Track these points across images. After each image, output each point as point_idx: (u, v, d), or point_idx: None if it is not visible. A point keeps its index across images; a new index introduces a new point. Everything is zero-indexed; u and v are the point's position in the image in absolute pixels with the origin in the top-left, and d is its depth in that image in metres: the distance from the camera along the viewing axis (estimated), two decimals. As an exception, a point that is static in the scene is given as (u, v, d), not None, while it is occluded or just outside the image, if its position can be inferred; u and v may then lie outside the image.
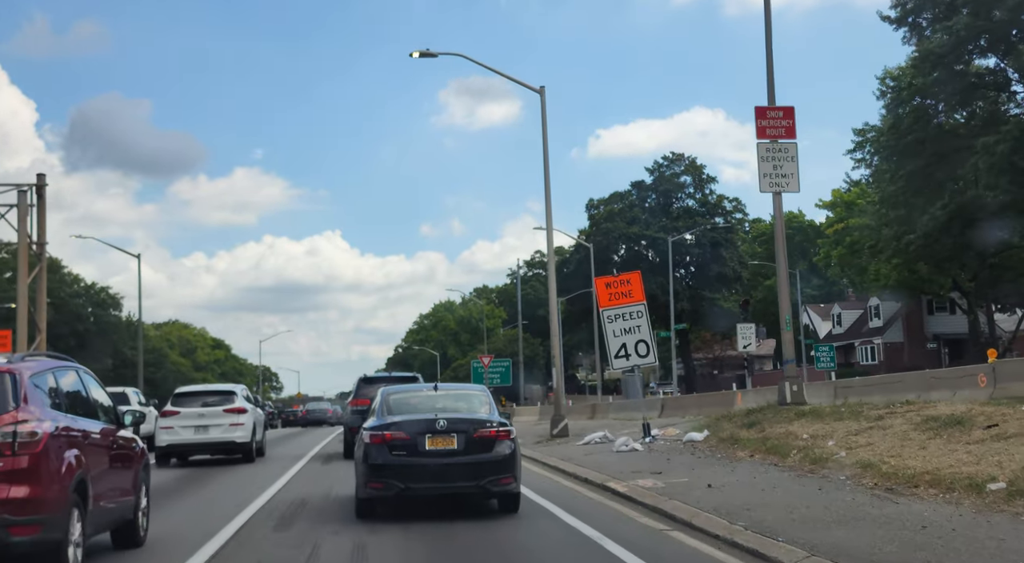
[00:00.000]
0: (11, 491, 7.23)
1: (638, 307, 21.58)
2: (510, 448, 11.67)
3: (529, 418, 49.63)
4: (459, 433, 11.40)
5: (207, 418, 21.59)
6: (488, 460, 11.40)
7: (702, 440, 19.28)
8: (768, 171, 19.39)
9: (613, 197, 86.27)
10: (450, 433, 11.37)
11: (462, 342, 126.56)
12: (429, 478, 11.33)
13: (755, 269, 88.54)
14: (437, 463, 11.30)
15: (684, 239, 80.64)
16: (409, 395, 12.99)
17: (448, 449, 11.33)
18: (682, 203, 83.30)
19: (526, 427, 35.19)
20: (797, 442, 15.85)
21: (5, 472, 7.25)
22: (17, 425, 7.40)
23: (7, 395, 7.54)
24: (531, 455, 21.26)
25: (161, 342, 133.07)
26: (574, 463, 18.07)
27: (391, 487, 11.22)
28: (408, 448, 11.30)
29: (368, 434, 11.58)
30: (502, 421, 12.01)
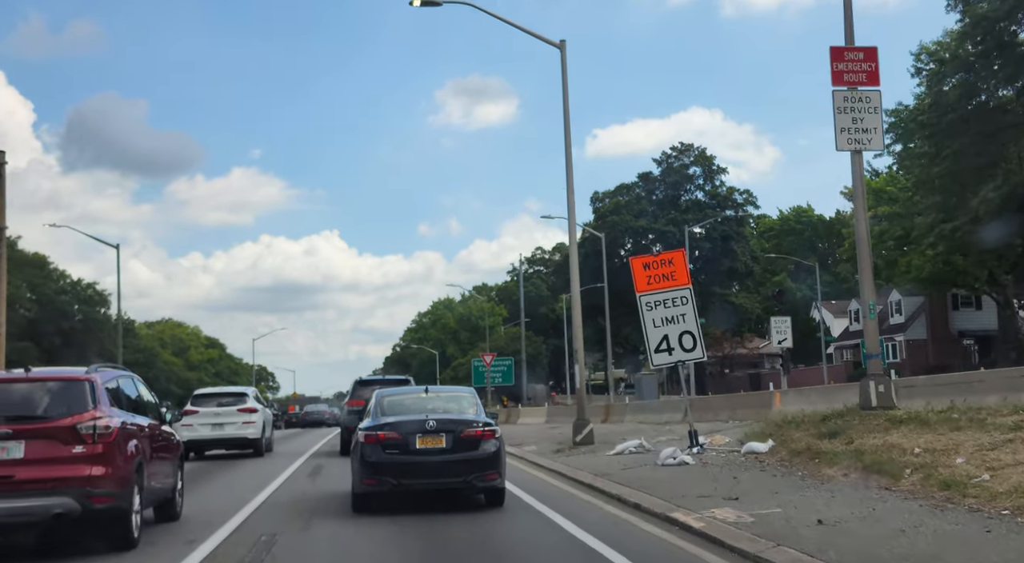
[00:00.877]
0: (92, 470, 9.24)
1: (682, 292, 18.10)
2: (495, 446, 12.29)
3: (535, 420, 46.07)
4: (447, 433, 12.06)
5: (222, 417, 23.99)
6: (475, 458, 12.04)
7: (767, 452, 15.81)
8: (846, 125, 15.89)
9: (619, 189, 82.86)
10: (439, 433, 12.03)
11: (461, 341, 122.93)
12: (420, 475, 12.01)
13: (763, 264, 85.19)
14: (427, 461, 11.96)
15: (693, 233, 77.22)
16: (402, 397, 13.59)
17: (437, 448, 11.99)
18: (691, 195, 79.87)
19: (538, 431, 31.66)
20: (907, 458, 12.36)
21: (87, 456, 9.26)
22: (96, 421, 9.43)
23: (87, 397, 9.61)
24: (556, 468, 17.76)
25: (153, 341, 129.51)
26: (614, 481, 14.57)
27: (384, 483, 11.92)
28: (400, 447, 11.96)
29: (363, 434, 12.27)
30: (487, 421, 12.60)
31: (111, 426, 9.61)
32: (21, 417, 9.44)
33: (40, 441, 9.27)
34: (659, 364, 18.46)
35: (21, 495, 9.04)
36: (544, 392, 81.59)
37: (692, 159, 78.96)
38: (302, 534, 10.67)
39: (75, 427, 9.35)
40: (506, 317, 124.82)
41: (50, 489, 9.11)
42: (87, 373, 10.10)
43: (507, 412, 53.72)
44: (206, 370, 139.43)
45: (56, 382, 9.96)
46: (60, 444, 9.30)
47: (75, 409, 9.51)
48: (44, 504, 9.08)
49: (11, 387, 9.85)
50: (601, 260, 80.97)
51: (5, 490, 9.01)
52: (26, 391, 9.78)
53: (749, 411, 28.81)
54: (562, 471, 17.12)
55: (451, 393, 14.39)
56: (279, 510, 12.80)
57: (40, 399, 9.70)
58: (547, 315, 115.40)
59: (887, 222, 47.96)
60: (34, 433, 9.31)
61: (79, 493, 9.16)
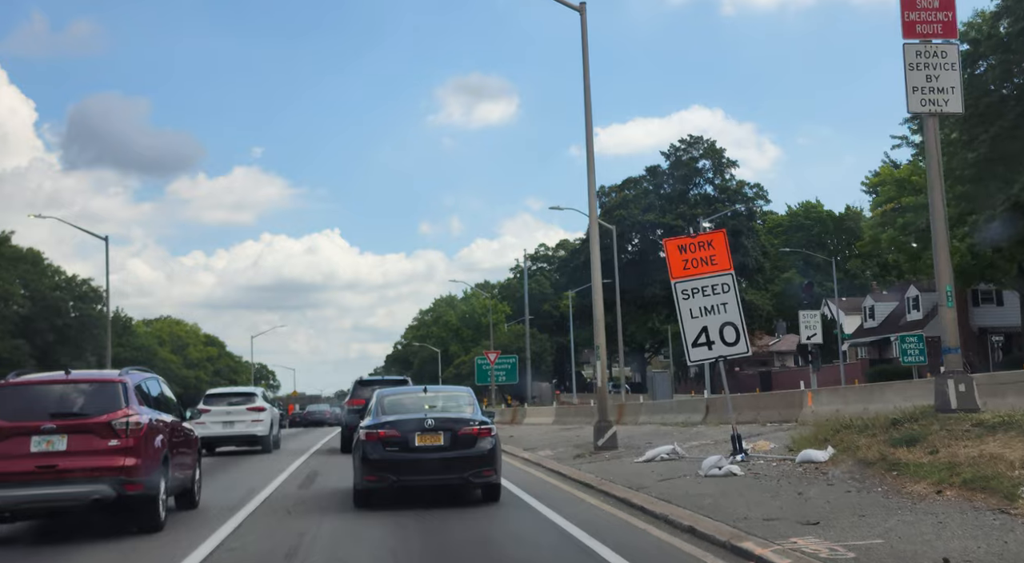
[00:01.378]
0: (125, 461, 10.44)
1: (724, 278, 15.93)
2: (491, 444, 12.60)
3: (543, 420, 43.85)
4: (445, 431, 12.42)
5: (233, 415, 25.20)
6: (471, 455, 12.38)
7: (827, 461, 13.64)
8: (919, 83, 13.70)
9: (626, 183, 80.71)
10: (437, 431, 12.39)
11: (464, 338, 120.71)
12: (419, 471, 12.32)
13: (773, 261, 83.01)
14: (426, 458, 12.31)
15: (703, 227, 75.04)
16: (401, 397, 13.92)
17: (436, 445, 12.36)
18: (700, 189, 77.67)
19: (550, 433, 29.48)
20: (1018, 473, 10.19)
21: (121, 448, 10.46)
22: (128, 417, 10.67)
23: (120, 397, 10.88)
24: (580, 477, 15.59)
25: (151, 339, 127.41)
26: (654, 496, 12.41)
27: (385, 479, 12.25)
28: (400, 444, 12.31)
29: (364, 432, 12.62)
30: (484, 420, 12.87)
31: (141, 422, 10.73)
32: (64, 414, 10.52)
33: (80, 435, 10.36)
34: (697, 360, 16.28)
35: (64, 482, 10.15)
36: (549, 391, 79.46)
37: (701, 152, 76.77)
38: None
39: (110, 423, 10.49)
40: (509, 314, 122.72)
41: (89, 477, 10.20)
42: (119, 375, 11.30)
43: (513, 412, 51.53)
44: (205, 368, 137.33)
45: (93, 383, 11.18)
46: (98, 438, 10.40)
47: (110, 407, 10.66)
48: (84, 490, 10.20)
49: (54, 388, 11.00)
50: (608, 255, 78.87)
51: (51, 478, 10.13)
52: (67, 391, 10.90)
53: (775, 411, 26.66)
54: (589, 481, 14.94)
55: (449, 393, 14.83)
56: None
57: (80, 398, 10.83)
58: (551, 312, 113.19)
59: (912, 213, 45.72)
60: (75, 428, 10.40)
61: (114, 481, 10.28)
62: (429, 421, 12.48)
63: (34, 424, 10.30)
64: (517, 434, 30.13)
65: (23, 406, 10.57)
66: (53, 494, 10.17)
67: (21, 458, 10.17)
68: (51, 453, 10.21)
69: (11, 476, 10.14)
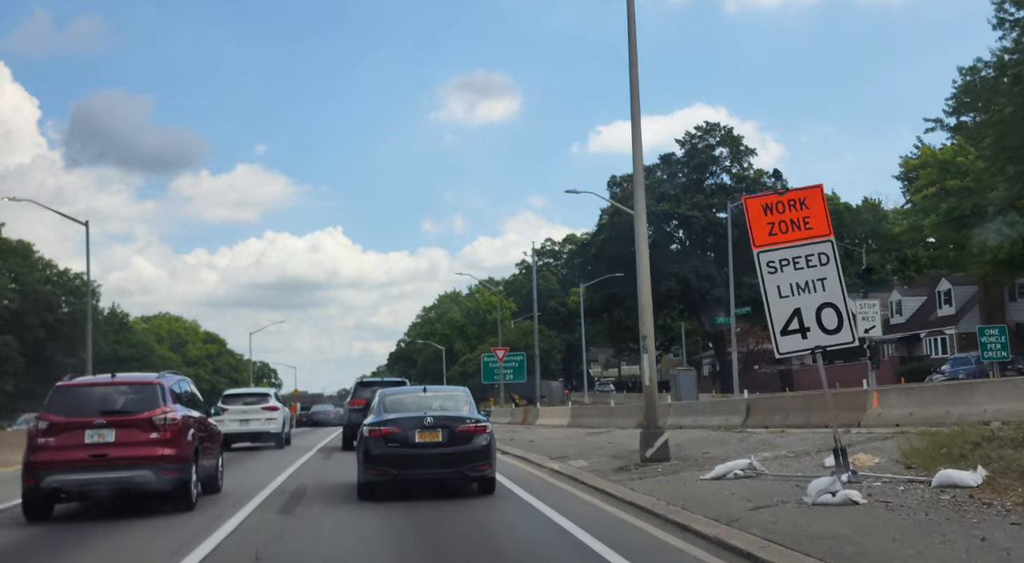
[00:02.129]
0: (163, 451, 12.13)
1: (821, 246, 12.39)
2: (486, 440, 13.35)
3: (558, 421, 40.30)
4: (443, 428, 13.16)
5: (248, 414, 26.93)
6: (468, 450, 13.11)
7: (981, 486, 10.12)
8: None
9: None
10: (436, 428, 13.13)
11: (469, 336, 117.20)
12: (418, 466, 13.09)
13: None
14: (425, 453, 13.07)
15: (719, 218, 71.50)
16: (403, 396, 14.82)
17: (434, 441, 13.08)
18: (717, 178, 74.03)
19: (574, 438, 25.88)
20: None
21: (160, 440, 12.15)
22: (165, 414, 12.33)
23: (158, 396, 12.55)
24: (637, 501, 12.01)
25: (149, 336, 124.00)
26: (757, 534, 8.87)
27: (387, 473, 13.04)
28: (401, 441, 13.08)
29: (367, 429, 13.40)
30: (479, 418, 13.71)
31: (176, 418, 12.45)
32: (112, 411, 12.27)
33: (126, 429, 12.13)
34: (788, 352, 12.75)
35: (113, 468, 11.97)
36: (559, 390, 75.97)
37: (718, 140, 73.13)
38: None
39: (151, 419, 12.24)
40: (515, 311, 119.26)
41: (134, 464, 12.00)
42: (157, 378, 13.04)
43: (524, 412, 47.98)
44: (204, 366, 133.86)
45: (134, 385, 12.89)
46: (140, 431, 12.17)
47: (150, 405, 12.35)
48: (129, 475, 12.00)
49: (102, 389, 12.71)
50: (621, 247, 75.28)
51: (102, 465, 11.96)
52: (113, 392, 12.63)
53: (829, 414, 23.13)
54: (651, 507, 11.39)
55: (447, 392, 15.64)
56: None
57: (124, 397, 12.55)
58: (558, 309, 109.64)
59: (955, 198, 42.14)
60: (121, 423, 12.17)
61: (154, 468, 12.05)
62: (428, 419, 13.20)
63: (87, 419, 12.07)
64: (536, 439, 26.62)
65: (77, 404, 12.29)
66: (104, 478, 11.94)
67: (76, 448, 11.92)
68: (102, 444, 11.98)
69: (68, 463, 11.88)
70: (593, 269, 77.24)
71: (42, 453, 12.00)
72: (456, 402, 14.33)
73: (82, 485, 12.07)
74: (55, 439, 12.02)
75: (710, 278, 70.06)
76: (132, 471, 11.96)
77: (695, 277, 69.93)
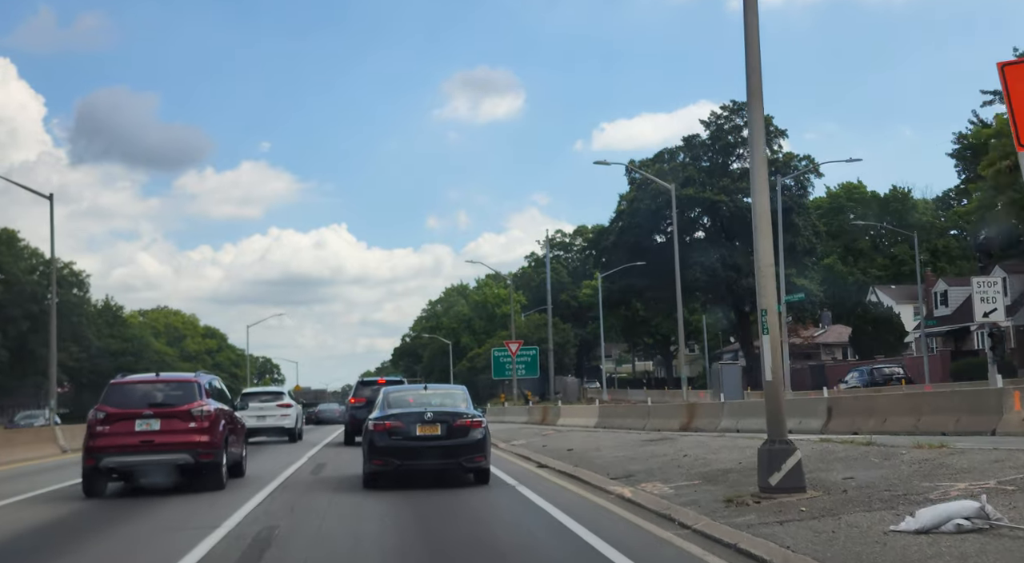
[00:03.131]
0: (200, 438, 14.26)
1: None
2: (481, 434, 14.24)
3: (583, 421, 35.03)
4: (442, 422, 14.11)
5: (265, 410, 29.62)
6: (464, 443, 14.06)
7: None
8: None
9: (660, 156, 71.79)
10: (435, 422, 14.09)
11: (476, 330, 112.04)
12: (419, 457, 14.02)
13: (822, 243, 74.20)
14: (425, 445, 14.00)
15: (747, 204, 66.29)
16: (405, 393, 15.80)
17: (434, 435, 14.03)
18: (744, 162, 68.70)
19: (626, 448, 20.52)
20: None
21: (197, 429, 14.27)
22: (202, 407, 14.50)
23: (196, 392, 14.70)
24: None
25: (146, 329, 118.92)
26: None
27: (390, 464, 13.97)
28: (403, 434, 14.02)
29: (372, 423, 14.27)
30: (475, 414, 14.60)
31: (211, 410, 14.61)
32: (157, 404, 14.43)
33: (169, 419, 14.25)
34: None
35: (158, 452, 14.12)
36: (575, 386, 70.66)
37: (745, 120, 67.74)
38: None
39: (190, 411, 14.36)
40: (525, 305, 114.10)
41: (175, 449, 14.14)
42: (194, 376, 15.44)
43: (542, 410, 42.71)
44: (203, 361, 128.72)
45: (175, 382, 15.19)
46: (181, 421, 14.28)
47: (189, 399, 14.56)
48: (172, 458, 14.16)
49: (150, 385, 14.98)
50: (641, 235, 70.10)
51: (149, 449, 14.10)
52: (158, 388, 14.90)
53: (952, 418, 17.95)
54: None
55: (446, 390, 16.43)
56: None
57: (167, 393, 14.71)
58: (568, 303, 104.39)
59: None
60: (165, 414, 14.29)
61: (192, 452, 14.17)
62: (429, 414, 14.15)
63: (136, 411, 14.32)
64: (576, 447, 21.38)
65: (128, 399, 14.57)
66: (150, 460, 14.20)
67: (128, 435, 14.16)
68: (149, 432, 14.20)
69: (122, 447, 14.11)
70: (610, 259, 72.03)
71: (100, 439, 14.13)
72: (454, 399, 15.27)
73: (132, 466, 14.22)
74: (110, 427, 14.18)
75: (737, 267, 64.78)
76: (174, 454, 14.12)
77: (721, 266, 64.69)
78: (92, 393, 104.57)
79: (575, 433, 28.49)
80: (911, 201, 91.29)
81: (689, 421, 29.94)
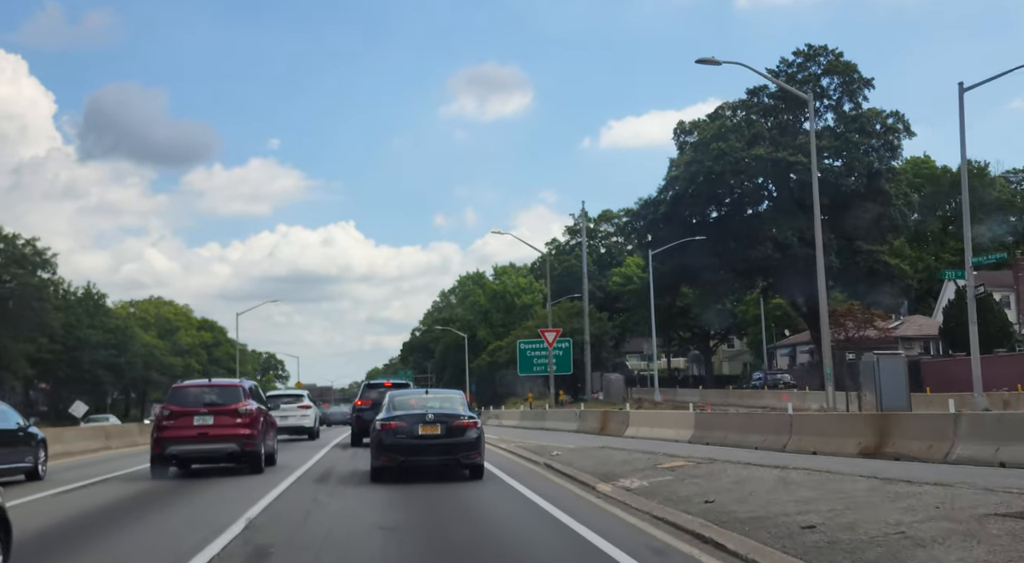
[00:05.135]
0: (244, 431, 17.23)
1: None
2: (476, 434, 15.49)
3: (672, 435, 23.53)
4: (442, 423, 15.34)
5: (286, 411, 31.15)
6: (461, 441, 15.33)
7: None
8: None
9: (716, 114, 59.96)
10: (436, 423, 15.34)
11: (494, 323, 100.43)
12: (421, 454, 15.33)
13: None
14: (427, 443, 15.25)
15: (831, 166, 54.56)
16: (408, 397, 17.02)
17: (434, 434, 15.27)
18: (820, 119, 56.89)
19: (900, 500, 8.94)
20: None
21: (242, 424, 17.24)
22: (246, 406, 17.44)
23: (240, 394, 17.74)
24: None
25: (134, 321, 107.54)
26: None
27: (395, 460, 15.30)
28: (407, 433, 15.26)
29: (379, 423, 15.61)
30: (471, 415, 15.88)
31: (252, 409, 17.54)
32: (211, 404, 17.47)
33: (220, 416, 17.19)
34: None
35: (212, 442, 17.13)
36: (621, 384, 58.75)
37: (823, 68, 56.00)
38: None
39: (236, 409, 17.34)
40: (547, 295, 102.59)
41: (225, 439, 17.12)
42: (239, 382, 18.70)
43: (602, 417, 31.06)
44: (198, 355, 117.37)
45: (224, 386, 18.25)
46: (229, 418, 17.22)
47: (235, 400, 17.53)
48: (222, 447, 17.19)
49: (204, 388, 18.10)
50: (699, 206, 58.39)
51: (204, 439, 17.08)
52: (211, 390, 17.95)
53: None
54: None
55: (445, 394, 17.44)
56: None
57: (218, 394, 17.76)
58: (594, 293, 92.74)
59: None
60: (217, 412, 17.28)
61: (239, 442, 17.14)
62: (429, 415, 15.42)
63: (194, 409, 17.30)
64: (814, 511, 9.76)
65: (187, 399, 17.62)
66: (205, 449, 17.23)
67: (187, 429, 17.10)
68: (204, 426, 17.15)
69: (183, 438, 17.02)
70: (657, 236, 60.15)
71: (166, 431, 17.15)
72: (452, 402, 16.48)
73: (191, 453, 17.31)
74: (173, 422, 17.21)
75: (813, 243, 52.99)
76: (224, 444, 17.12)
77: (798, 242, 52.90)
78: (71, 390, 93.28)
79: (725, 468, 16.34)
80: (988, 177, 79.38)
81: (880, 443, 18.39)
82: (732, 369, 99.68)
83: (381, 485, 14.76)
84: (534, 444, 23.89)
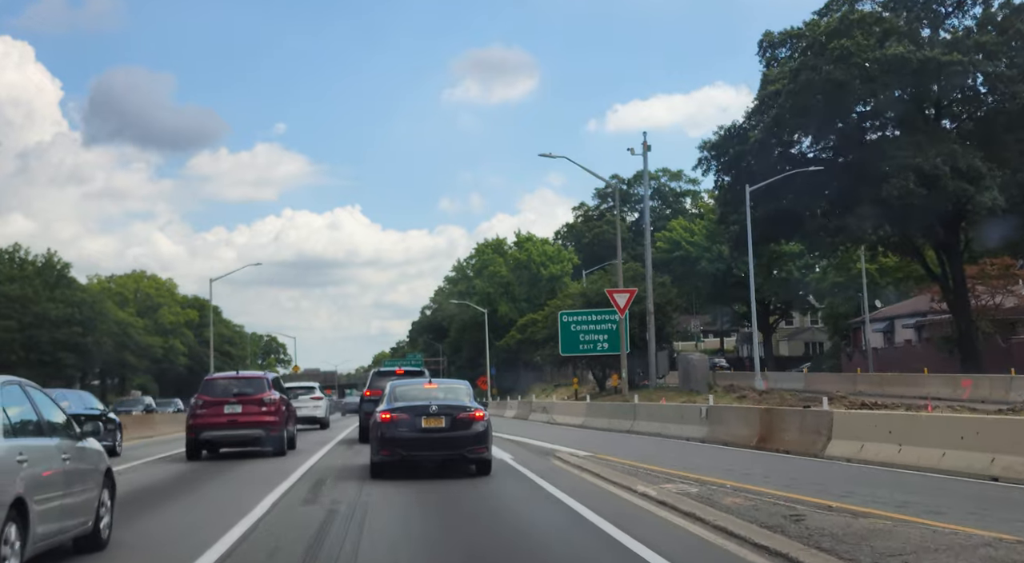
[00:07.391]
0: (269, 418, 19.59)
1: None
2: (484, 426, 14.59)
3: (980, 462, 9.13)
4: (446, 415, 14.52)
5: (300, 402, 32.37)
6: (467, 435, 14.43)
7: None
8: None
9: (813, 22, 45.00)
10: (440, 415, 14.52)
11: (516, 297, 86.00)
12: (424, 448, 14.58)
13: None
14: (430, 437, 14.49)
15: (993, 74, 39.86)
16: (411, 387, 16.08)
17: (438, 427, 14.48)
18: (966, 12, 42.10)
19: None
20: None
21: (267, 411, 19.66)
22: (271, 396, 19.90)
23: (264, 384, 20.24)
24: None
25: (108, 296, 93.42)
26: None
27: (396, 454, 14.50)
28: (409, 426, 14.46)
29: (379, 414, 14.86)
30: (478, 406, 14.98)
31: (276, 398, 19.96)
32: (239, 394, 19.71)
33: (247, 404, 19.54)
34: None
35: (240, 428, 19.48)
36: (704, 368, 43.78)
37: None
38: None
39: (262, 398, 19.68)
40: (577, 265, 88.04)
41: (252, 426, 19.46)
42: (264, 374, 21.52)
43: (762, 421, 16.69)
44: (184, 336, 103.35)
45: (251, 378, 20.84)
46: (256, 406, 19.54)
47: (261, 390, 19.91)
48: (250, 433, 19.51)
49: (233, 380, 20.74)
50: (805, 134, 43.59)
51: (234, 426, 19.42)
52: (239, 382, 20.45)
53: None
54: None
55: (449, 384, 16.73)
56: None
57: (246, 385, 20.10)
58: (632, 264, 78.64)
59: None
60: (245, 401, 19.59)
61: (265, 428, 19.47)
62: (433, 407, 14.57)
63: (225, 399, 19.61)
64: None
65: (217, 389, 20.03)
66: (235, 435, 19.55)
67: (219, 416, 19.42)
68: (234, 414, 19.41)
69: (215, 425, 19.41)
70: (740, 172, 45.41)
71: (199, 418, 19.54)
72: (457, 393, 15.65)
73: (221, 438, 19.67)
74: (206, 410, 19.50)
75: (970, 174, 38.35)
76: (251, 430, 19.48)
77: (951, 173, 38.14)
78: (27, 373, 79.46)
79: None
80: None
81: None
82: (792, 350, 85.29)
83: None
84: (680, 485, 9.66)
